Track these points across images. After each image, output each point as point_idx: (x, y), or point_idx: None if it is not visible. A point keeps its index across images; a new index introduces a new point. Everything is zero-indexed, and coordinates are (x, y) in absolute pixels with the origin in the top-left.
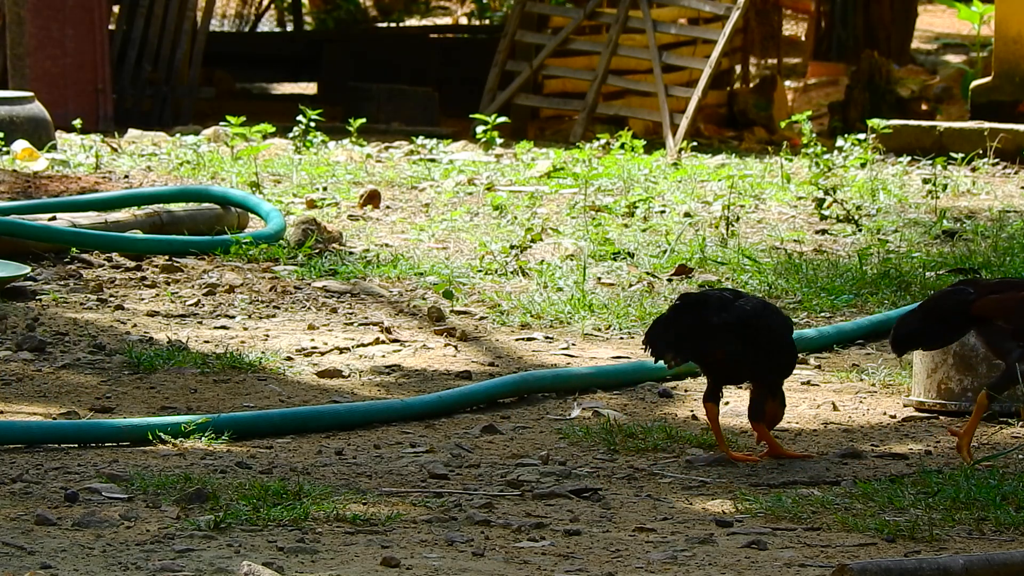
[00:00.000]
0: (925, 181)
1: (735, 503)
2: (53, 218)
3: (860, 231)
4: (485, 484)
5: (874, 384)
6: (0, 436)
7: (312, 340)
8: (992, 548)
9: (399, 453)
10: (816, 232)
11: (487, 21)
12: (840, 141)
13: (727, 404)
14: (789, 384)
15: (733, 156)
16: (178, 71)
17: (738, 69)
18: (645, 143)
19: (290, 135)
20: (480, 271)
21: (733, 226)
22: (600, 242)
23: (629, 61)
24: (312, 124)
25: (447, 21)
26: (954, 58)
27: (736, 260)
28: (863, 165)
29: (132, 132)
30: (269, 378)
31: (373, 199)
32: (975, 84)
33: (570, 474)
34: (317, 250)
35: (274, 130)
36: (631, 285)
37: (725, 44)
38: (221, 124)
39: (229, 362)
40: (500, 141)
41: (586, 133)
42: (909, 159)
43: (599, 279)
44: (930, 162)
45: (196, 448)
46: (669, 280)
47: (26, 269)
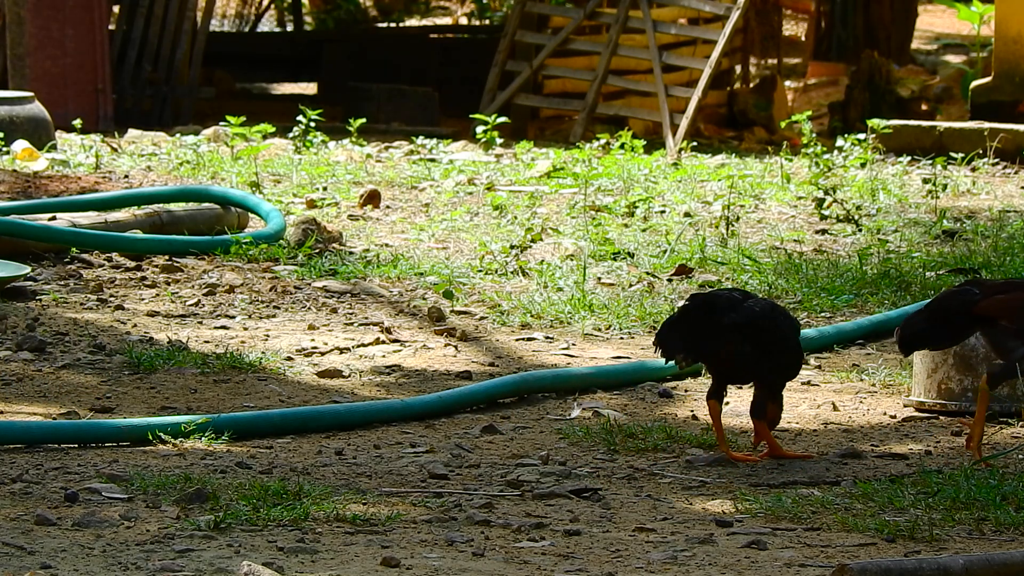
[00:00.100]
0: (925, 181)
1: (735, 503)
2: (53, 218)
3: (860, 231)
4: (485, 484)
5: (874, 384)
6: (0, 436)
7: (312, 340)
8: (992, 548)
9: (399, 453)
10: (816, 232)
11: (487, 21)
12: (840, 141)
13: (727, 404)
14: (789, 384)
15: (733, 156)
16: (178, 71)
17: (738, 69)
18: (645, 143)
19: (290, 135)
20: (480, 271)
21: (733, 226)
22: (600, 242)
23: (629, 61)
24: (312, 124)
25: (447, 21)
26: (954, 58)
27: (736, 260)
28: (863, 165)
29: (132, 132)
30: (269, 378)
31: (373, 199)
32: (975, 84)
33: (570, 474)
34: (317, 250)
35: (274, 130)
36: (631, 285)
37: (725, 44)
38: (221, 124)
39: (229, 362)
40: (500, 141)
41: (586, 133)
42: (909, 159)
43: (599, 279)
44: (930, 162)
45: (196, 448)
46: (669, 280)
47: (26, 269)
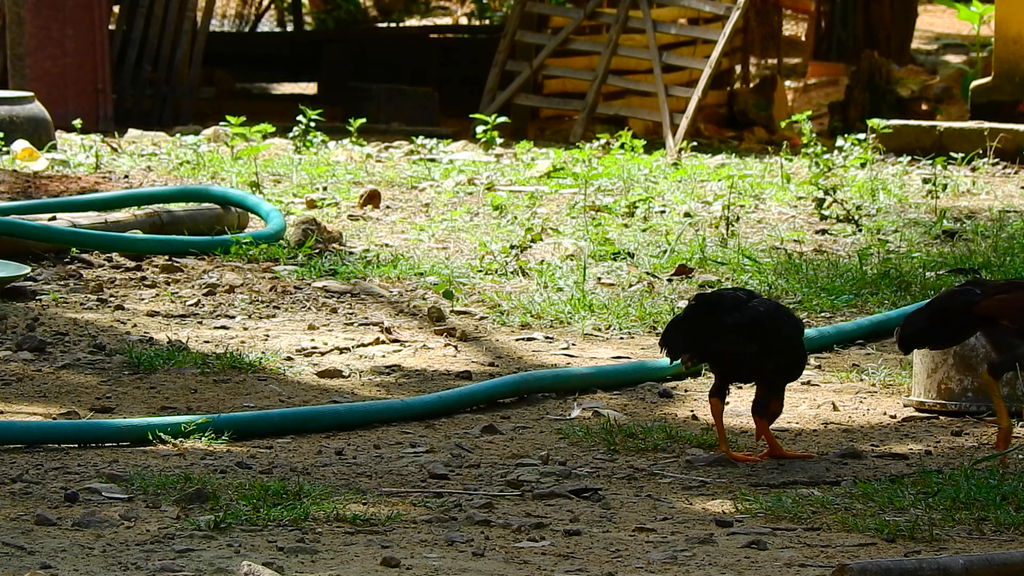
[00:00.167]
0: (925, 181)
1: (735, 503)
2: (53, 218)
3: (860, 231)
4: (485, 484)
5: (874, 384)
6: (0, 436)
7: (312, 340)
8: (992, 548)
9: (399, 453)
10: (816, 232)
11: (487, 21)
12: (840, 141)
13: (727, 404)
14: (789, 383)
15: (733, 156)
16: (178, 71)
17: (738, 69)
18: (645, 143)
19: (290, 135)
20: (480, 271)
21: (733, 226)
22: (600, 242)
23: (629, 61)
24: (312, 124)
25: (447, 21)
26: (954, 58)
27: (736, 260)
28: (863, 165)
29: (132, 132)
30: (269, 378)
31: (373, 199)
32: (975, 84)
33: (570, 474)
34: (317, 250)
35: (274, 130)
36: (631, 285)
37: (725, 44)
38: (221, 124)
39: (229, 362)
40: (500, 141)
41: (586, 133)
42: (909, 159)
43: (599, 279)
44: (930, 162)
45: (196, 448)
46: (669, 280)
47: (26, 269)
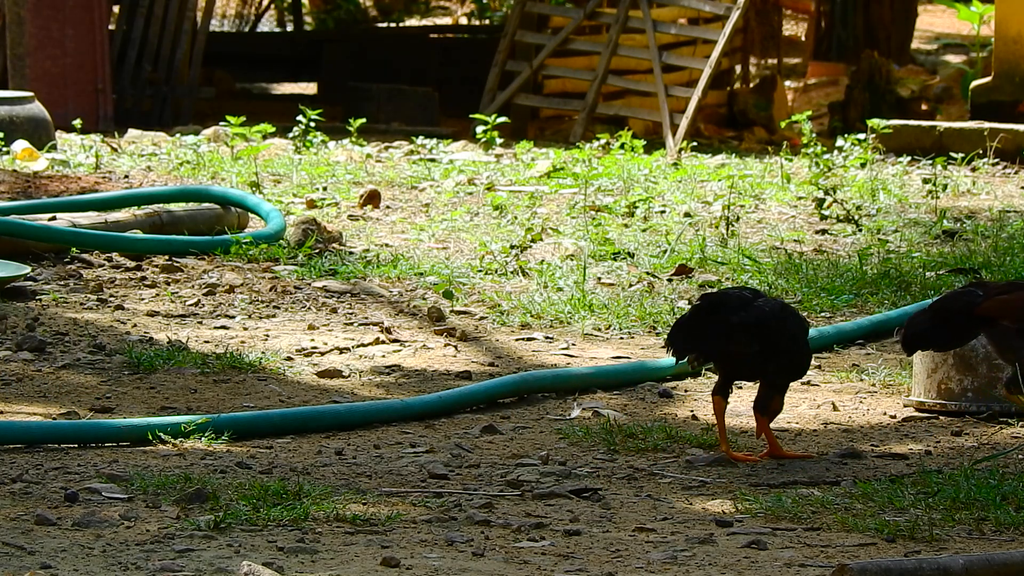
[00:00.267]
0: (925, 181)
1: (735, 503)
2: (53, 218)
3: (860, 231)
4: (485, 484)
5: (874, 384)
6: (0, 436)
7: (312, 340)
8: (992, 548)
9: (399, 453)
10: (816, 232)
11: (487, 21)
12: (840, 141)
13: (727, 404)
14: (790, 384)
15: (733, 156)
16: (178, 71)
17: (738, 69)
18: (645, 143)
19: (290, 135)
20: (480, 271)
21: (733, 226)
22: (600, 242)
23: (629, 61)
24: (312, 124)
25: (447, 21)
26: (954, 58)
27: (736, 260)
28: (863, 165)
29: (132, 132)
30: (269, 378)
31: (373, 199)
32: (975, 84)
33: (570, 474)
34: (317, 250)
35: (274, 130)
36: (631, 285)
37: (725, 44)
38: (221, 124)
39: (229, 362)
40: (500, 141)
41: (586, 133)
42: (909, 159)
43: (599, 279)
44: (930, 162)
45: (196, 448)
46: (669, 280)
47: (26, 269)
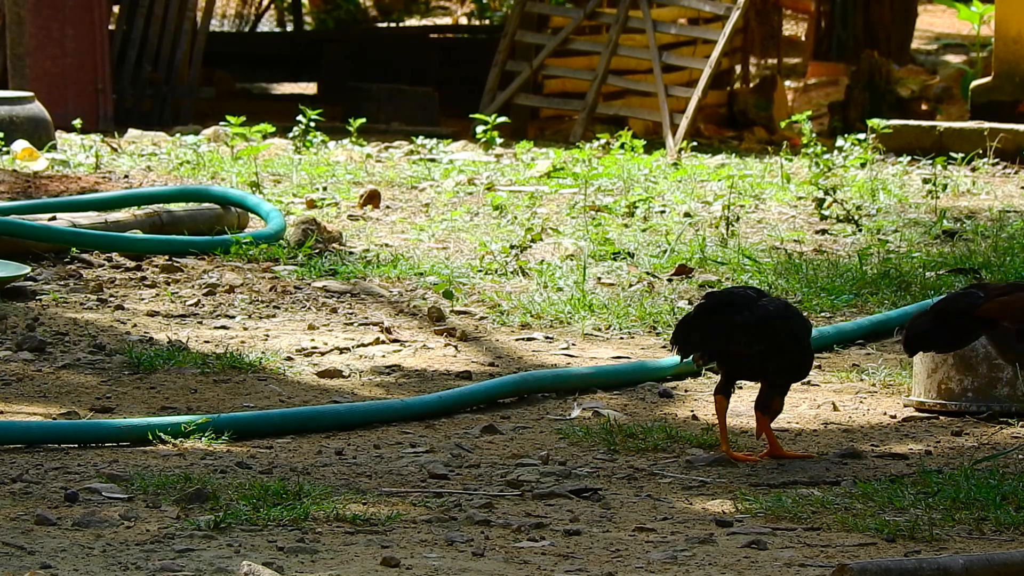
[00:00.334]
0: (925, 181)
1: (735, 503)
2: (53, 218)
3: (860, 231)
4: (485, 484)
5: (874, 384)
6: (0, 436)
7: (312, 340)
8: (992, 548)
9: (399, 453)
10: (816, 232)
11: (487, 21)
12: (840, 141)
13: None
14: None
15: (733, 156)
16: (178, 71)
17: (738, 69)
18: (645, 143)
19: (290, 135)
20: (480, 271)
21: (733, 226)
22: (600, 242)
23: (629, 61)
24: (312, 124)
25: (447, 21)
26: (954, 58)
27: (736, 260)
28: (863, 165)
29: (132, 132)
30: (269, 378)
31: (373, 199)
32: (975, 84)
33: (570, 474)
34: (317, 250)
35: (274, 130)
36: (631, 285)
37: (725, 44)
38: (221, 124)
39: (229, 362)
40: (500, 141)
41: (586, 133)
42: (909, 159)
43: (599, 279)
44: (930, 162)
45: (196, 448)
46: (669, 280)
47: (26, 269)
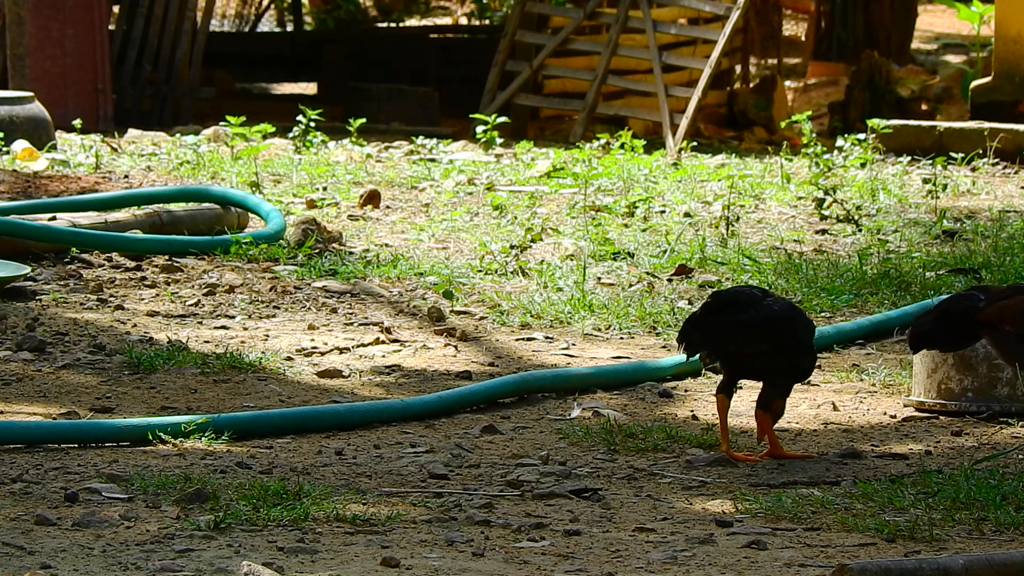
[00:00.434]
0: (925, 181)
1: (735, 503)
2: (53, 218)
3: (860, 231)
4: (485, 484)
5: (874, 384)
6: (0, 436)
7: (312, 340)
8: (992, 548)
9: (399, 453)
10: (816, 232)
11: (487, 21)
12: (840, 141)
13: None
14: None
15: (733, 156)
16: (178, 71)
17: (738, 69)
18: (645, 143)
19: (290, 135)
20: (480, 271)
21: (733, 226)
22: (600, 242)
23: (629, 61)
24: (312, 124)
25: (447, 21)
26: (954, 58)
27: (736, 260)
28: (863, 165)
29: (132, 132)
30: (269, 378)
31: (373, 199)
32: (975, 84)
33: (570, 474)
34: (317, 250)
35: (274, 130)
36: (631, 285)
37: (725, 44)
38: (221, 124)
39: (229, 362)
40: (500, 141)
41: (586, 133)
42: (909, 159)
43: (599, 279)
44: (930, 162)
45: (196, 448)
46: (669, 280)
47: (26, 269)
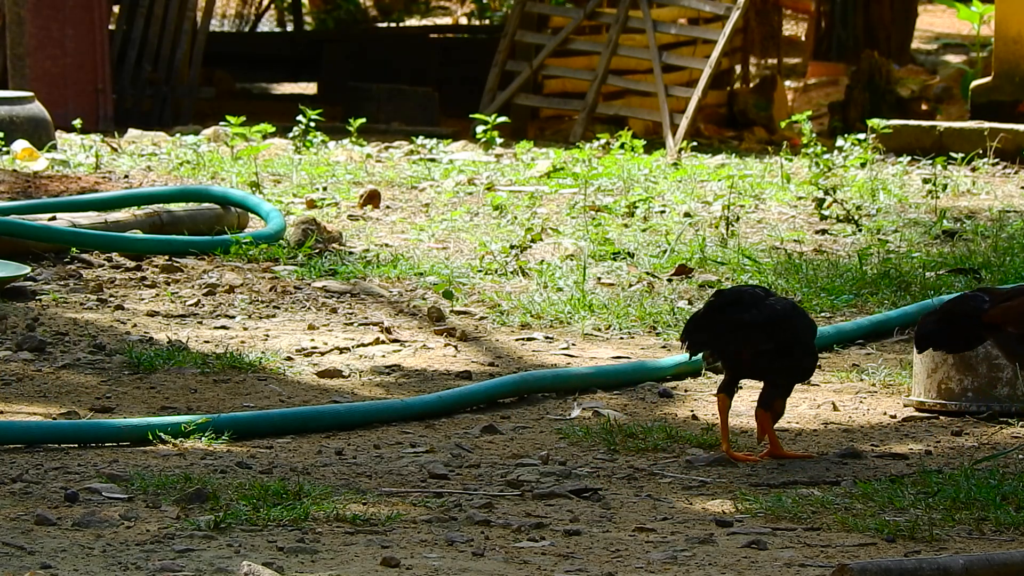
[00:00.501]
0: (925, 181)
1: (735, 503)
2: (53, 218)
3: (860, 231)
4: (485, 484)
5: (874, 384)
6: (0, 436)
7: (312, 340)
8: (992, 548)
9: (399, 453)
10: (816, 232)
11: (487, 21)
12: (840, 141)
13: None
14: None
15: (733, 156)
16: (178, 71)
17: (738, 69)
18: (645, 143)
19: (290, 135)
20: (480, 271)
21: (733, 226)
22: (600, 242)
23: (629, 61)
24: (312, 124)
25: (447, 21)
26: (954, 58)
27: (736, 260)
28: (863, 165)
29: (132, 132)
30: (269, 378)
31: (373, 199)
32: (975, 84)
33: (570, 474)
34: (317, 250)
35: (274, 130)
36: (631, 285)
37: (725, 44)
38: (221, 124)
39: (229, 362)
40: (500, 141)
41: (586, 133)
42: (909, 159)
43: (599, 279)
44: (930, 162)
45: (196, 448)
46: (669, 280)
47: (26, 269)
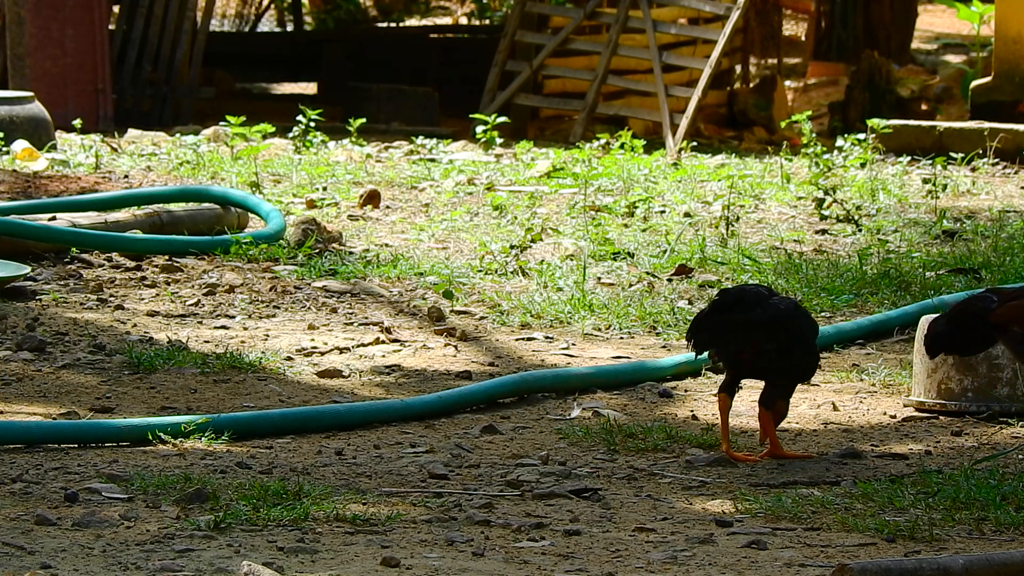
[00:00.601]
0: (925, 181)
1: (735, 503)
2: (53, 218)
3: (860, 231)
4: (485, 484)
5: (874, 384)
6: (0, 436)
7: (312, 340)
8: (992, 548)
9: (399, 453)
10: (816, 232)
11: (487, 21)
12: (840, 141)
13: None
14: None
15: (733, 156)
16: (178, 71)
17: (738, 69)
18: (645, 143)
19: (290, 135)
20: (480, 271)
21: (733, 226)
22: (600, 242)
23: (629, 61)
24: (312, 124)
25: (447, 21)
26: (954, 58)
27: (736, 260)
28: (863, 165)
29: (132, 132)
30: (269, 378)
31: (373, 199)
32: (975, 84)
33: (570, 474)
34: (317, 250)
35: (274, 130)
36: (631, 285)
37: (725, 44)
38: (221, 124)
39: (229, 362)
40: (500, 141)
41: (586, 133)
42: (909, 159)
43: (599, 279)
44: (930, 162)
45: (196, 448)
46: (669, 280)
47: (26, 269)
